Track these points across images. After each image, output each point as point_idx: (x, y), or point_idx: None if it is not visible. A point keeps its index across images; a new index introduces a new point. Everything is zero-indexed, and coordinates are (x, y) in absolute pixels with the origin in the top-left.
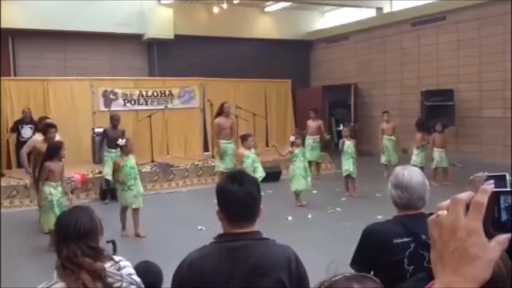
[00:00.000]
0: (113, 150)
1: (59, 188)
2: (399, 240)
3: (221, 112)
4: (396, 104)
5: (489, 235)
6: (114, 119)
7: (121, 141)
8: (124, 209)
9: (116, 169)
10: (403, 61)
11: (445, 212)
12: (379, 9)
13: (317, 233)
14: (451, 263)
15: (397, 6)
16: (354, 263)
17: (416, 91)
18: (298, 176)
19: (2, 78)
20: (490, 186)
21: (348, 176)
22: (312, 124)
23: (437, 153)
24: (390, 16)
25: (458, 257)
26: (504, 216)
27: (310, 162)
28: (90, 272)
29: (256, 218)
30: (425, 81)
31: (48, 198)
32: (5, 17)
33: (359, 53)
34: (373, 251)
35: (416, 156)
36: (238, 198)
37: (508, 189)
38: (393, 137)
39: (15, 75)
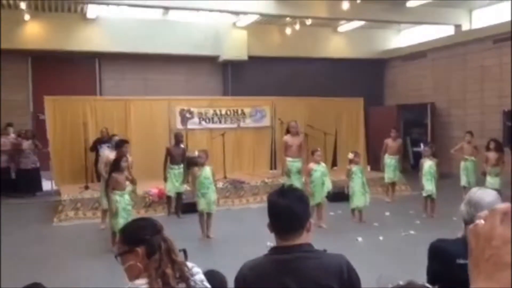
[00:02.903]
0: (176, 167)
1: (126, 196)
2: (462, 261)
3: (288, 130)
4: (476, 125)
5: None
6: (178, 137)
7: (196, 153)
8: (201, 214)
9: (193, 178)
10: (484, 80)
11: (483, 221)
12: (457, 26)
13: (387, 255)
14: (485, 270)
15: (477, 23)
16: (428, 279)
17: (498, 110)
18: (358, 193)
19: (88, 97)
20: None
21: (429, 196)
22: (392, 143)
23: None
24: (470, 33)
25: (492, 264)
26: None
27: (392, 183)
28: (175, 265)
29: (303, 232)
30: (507, 100)
31: (116, 205)
32: (92, 40)
33: (436, 71)
34: (437, 269)
35: (491, 179)
36: (279, 211)
37: None
38: (473, 158)
39: (100, 95)
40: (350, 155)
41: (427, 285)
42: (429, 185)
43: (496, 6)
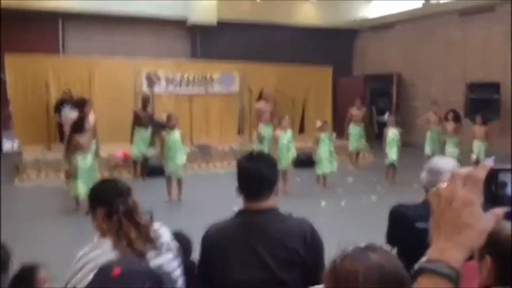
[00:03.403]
0: (143, 130)
1: (88, 158)
2: (422, 225)
3: (261, 97)
4: (439, 96)
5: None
6: (145, 100)
7: (163, 116)
8: (168, 178)
9: (161, 142)
10: (449, 52)
11: (445, 184)
12: None
13: (349, 219)
14: (446, 231)
15: None
16: (388, 242)
17: (461, 83)
18: (325, 160)
19: (50, 56)
20: (489, 163)
21: (391, 164)
22: (356, 112)
23: (476, 145)
24: (438, 6)
25: (452, 226)
26: (500, 191)
27: (357, 152)
28: (140, 227)
29: (270, 195)
30: (471, 73)
31: (76, 167)
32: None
33: (404, 43)
34: (397, 232)
35: (450, 148)
36: (248, 174)
37: (507, 167)
38: (439, 129)
39: (63, 53)
40: (318, 123)
41: (386, 246)
42: (392, 154)
43: None
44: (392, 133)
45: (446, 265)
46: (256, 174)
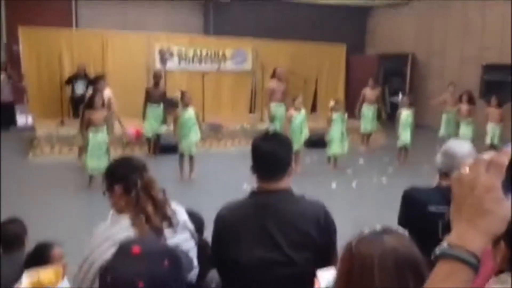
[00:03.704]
0: (155, 107)
1: (100, 134)
2: (434, 208)
3: (274, 76)
4: (454, 77)
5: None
6: (157, 76)
7: (177, 94)
8: (181, 156)
9: (175, 119)
10: (466, 32)
11: (467, 169)
12: None
13: (360, 201)
14: (467, 216)
15: None
16: (400, 224)
17: (477, 64)
18: (336, 140)
19: (64, 29)
20: (510, 149)
21: (404, 146)
22: (370, 93)
23: (491, 128)
24: None
25: (474, 211)
26: None
27: (369, 134)
28: (157, 203)
29: (284, 176)
30: (487, 54)
31: (88, 142)
32: None
33: (418, 21)
34: (409, 215)
35: (464, 129)
36: (263, 154)
37: None
38: (455, 110)
39: (76, 26)
40: (332, 103)
41: (401, 229)
42: (405, 136)
43: None
44: (405, 114)
45: (467, 251)
46: (271, 155)
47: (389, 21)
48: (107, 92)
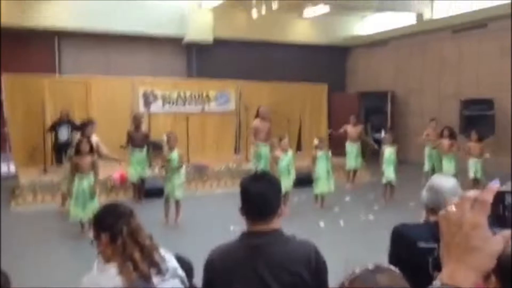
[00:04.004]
0: (138, 151)
1: (85, 181)
2: (423, 245)
3: (258, 115)
4: (434, 113)
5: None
6: (137, 119)
7: (164, 137)
8: (166, 199)
9: (162, 164)
10: (443, 69)
11: (454, 207)
12: (419, 15)
13: (348, 240)
14: (456, 253)
15: (438, 13)
16: (390, 262)
17: (455, 99)
18: (322, 178)
19: (47, 75)
20: (495, 186)
21: (389, 183)
22: (352, 130)
23: (472, 163)
24: (431, 23)
25: (463, 249)
26: (508, 213)
27: (354, 170)
28: (144, 249)
29: (274, 217)
30: (465, 89)
31: (72, 189)
32: (51, 17)
33: (397, 59)
34: (399, 252)
35: (446, 164)
36: (253, 196)
37: None
38: (436, 145)
39: (60, 73)
40: (316, 141)
41: (392, 268)
42: (389, 172)
43: None
44: (388, 151)
45: None
46: (261, 196)
47: (369, 60)
48: (94, 138)
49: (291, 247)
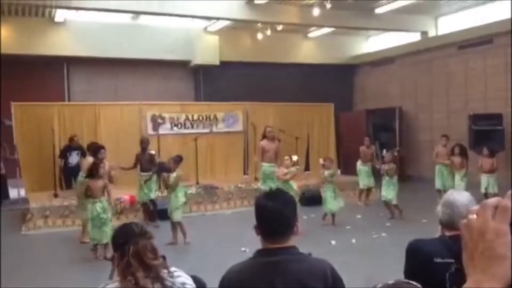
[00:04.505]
0: (145, 174)
1: (99, 205)
2: (439, 260)
3: (265, 135)
4: (442, 129)
5: None
6: (144, 142)
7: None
8: (171, 221)
9: (165, 186)
10: (450, 85)
11: (475, 216)
12: (424, 33)
13: (361, 258)
14: (480, 263)
15: (443, 30)
16: (406, 277)
17: (464, 115)
18: (329, 198)
19: (56, 103)
20: None
21: (389, 201)
22: (366, 151)
23: (485, 178)
24: (436, 40)
25: (487, 257)
26: None
27: (368, 189)
28: (150, 268)
29: (290, 235)
30: (473, 105)
31: (87, 214)
32: (60, 44)
33: (403, 77)
34: (415, 268)
35: (458, 181)
36: (269, 214)
37: None
38: (448, 162)
39: (69, 100)
40: (321, 161)
41: (413, 282)
42: (388, 193)
43: (461, 13)
44: (384, 170)
45: None
46: (277, 214)
47: (375, 78)
48: (106, 162)
49: (308, 264)
